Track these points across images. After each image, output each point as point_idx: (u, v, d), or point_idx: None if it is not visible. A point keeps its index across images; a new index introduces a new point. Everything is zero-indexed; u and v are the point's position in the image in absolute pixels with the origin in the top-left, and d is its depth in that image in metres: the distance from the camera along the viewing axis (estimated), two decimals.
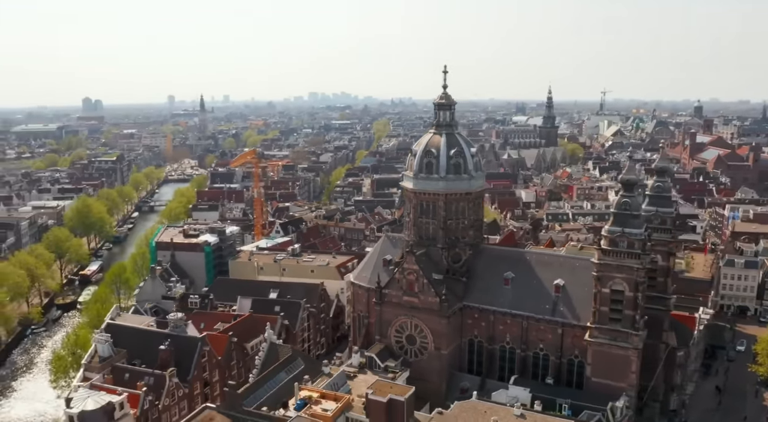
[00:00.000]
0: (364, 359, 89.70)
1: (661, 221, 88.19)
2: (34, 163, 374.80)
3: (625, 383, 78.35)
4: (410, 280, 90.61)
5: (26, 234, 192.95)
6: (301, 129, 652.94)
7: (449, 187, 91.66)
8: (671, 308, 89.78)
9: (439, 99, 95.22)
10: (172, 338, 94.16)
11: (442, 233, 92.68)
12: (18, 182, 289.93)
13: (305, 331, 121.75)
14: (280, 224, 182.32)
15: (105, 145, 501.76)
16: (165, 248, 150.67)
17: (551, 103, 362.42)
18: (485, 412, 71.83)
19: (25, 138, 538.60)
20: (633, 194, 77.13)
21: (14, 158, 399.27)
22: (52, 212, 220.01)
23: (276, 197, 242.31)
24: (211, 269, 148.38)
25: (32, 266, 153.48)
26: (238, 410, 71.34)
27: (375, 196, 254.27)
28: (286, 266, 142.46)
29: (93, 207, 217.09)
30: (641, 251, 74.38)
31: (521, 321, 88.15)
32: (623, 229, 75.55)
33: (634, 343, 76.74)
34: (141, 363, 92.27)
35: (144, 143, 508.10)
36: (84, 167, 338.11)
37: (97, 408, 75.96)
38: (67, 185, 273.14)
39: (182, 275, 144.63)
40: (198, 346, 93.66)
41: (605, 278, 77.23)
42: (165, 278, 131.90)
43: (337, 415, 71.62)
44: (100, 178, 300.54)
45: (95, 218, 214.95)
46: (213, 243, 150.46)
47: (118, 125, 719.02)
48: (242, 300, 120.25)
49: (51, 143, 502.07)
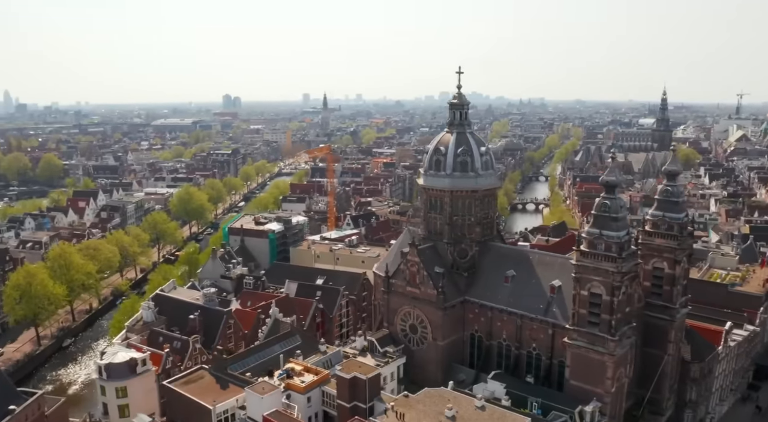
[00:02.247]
0: (367, 343, 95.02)
1: (668, 226, 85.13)
2: (162, 154, 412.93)
3: (601, 388, 76.97)
4: (413, 272, 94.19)
5: (132, 216, 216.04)
6: (418, 128, 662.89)
7: (455, 184, 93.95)
8: (676, 318, 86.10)
9: (452, 99, 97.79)
10: (202, 309, 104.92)
11: (448, 229, 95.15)
12: (142, 171, 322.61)
13: (343, 316, 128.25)
14: (351, 217, 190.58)
15: (230, 139, 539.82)
16: (236, 233, 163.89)
17: (665, 105, 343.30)
18: (449, 400, 74.28)
19: (161, 131, 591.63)
20: (613, 196, 75.56)
21: (146, 149, 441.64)
22: (160, 198, 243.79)
23: (362, 193, 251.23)
24: (274, 254, 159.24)
25: (126, 244, 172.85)
26: (223, 372, 79.75)
27: None
28: (339, 255, 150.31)
29: (195, 196, 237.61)
30: (617, 255, 73.02)
31: (516, 319, 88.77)
32: (601, 231, 74.46)
33: (609, 349, 75.24)
34: (177, 330, 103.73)
35: (265, 138, 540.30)
36: (202, 159, 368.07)
37: (122, 362, 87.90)
38: (181, 175, 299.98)
39: (249, 259, 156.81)
40: (224, 318, 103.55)
41: (583, 280, 76.50)
42: (225, 259, 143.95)
43: (310, 387, 77.52)
44: (213, 169, 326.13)
45: (196, 205, 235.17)
46: (277, 231, 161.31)
47: (248, 120, 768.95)
48: (290, 284, 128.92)
49: (183, 136, 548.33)
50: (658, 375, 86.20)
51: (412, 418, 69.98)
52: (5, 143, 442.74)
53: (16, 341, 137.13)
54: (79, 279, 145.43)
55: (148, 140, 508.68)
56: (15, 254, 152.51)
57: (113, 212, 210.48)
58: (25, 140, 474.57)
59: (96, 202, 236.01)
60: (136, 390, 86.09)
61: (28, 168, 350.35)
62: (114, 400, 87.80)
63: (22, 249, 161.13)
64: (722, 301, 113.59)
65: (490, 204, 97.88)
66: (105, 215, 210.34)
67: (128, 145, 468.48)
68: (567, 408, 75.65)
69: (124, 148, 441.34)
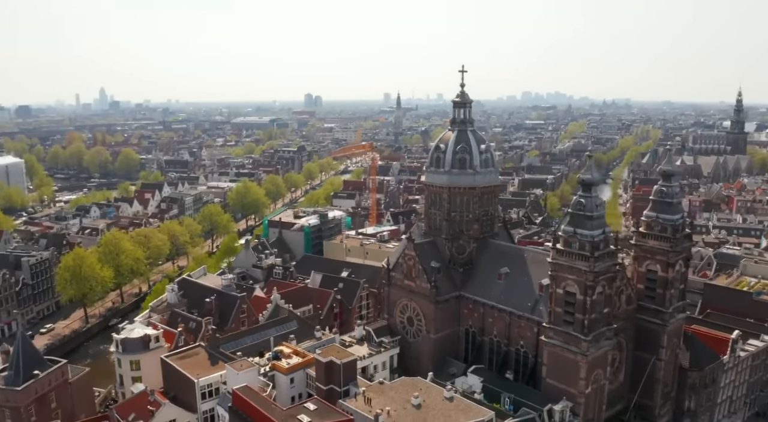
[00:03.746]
0: (365, 332, 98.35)
1: (661, 228, 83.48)
2: (234, 150, 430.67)
3: (574, 389, 76.70)
4: (409, 265, 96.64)
5: (189, 208, 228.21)
6: (491, 128, 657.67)
7: (453, 181, 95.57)
8: (669, 323, 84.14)
9: (455, 98, 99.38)
10: (218, 294, 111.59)
11: (446, 225, 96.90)
12: (211, 166, 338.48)
13: (363, 308, 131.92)
14: (392, 214, 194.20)
15: (303, 137, 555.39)
16: (275, 226, 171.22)
17: (740, 106, 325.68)
18: (421, 389, 76.59)
19: (239, 128, 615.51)
20: (590, 195, 75.03)
21: (220, 145, 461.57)
22: (219, 192, 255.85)
23: (413, 191, 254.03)
24: (309, 246, 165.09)
25: (177, 233, 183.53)
26: (216, 350, 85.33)
27: (514, 195, 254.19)
28: (369, 250, 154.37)
29: (252, 190, 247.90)
30: (590, 254, 72.75)
31: (505, 316, 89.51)
32: (575, 230, 74.30)
33: (582, 349, 74.74)
34: (196, 312, 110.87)
35: (335, 136, 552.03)
36: (270, 156, 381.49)
37: (136, 338, 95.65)
38: (245, 170, 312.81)
39: (285, 250, 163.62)
40: (237, 303, 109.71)
41: (559, 278, 76.48)
42: (259, 250, 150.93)
43: (293, 369, 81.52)
44: (276, 165, 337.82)
45: (252, 199, 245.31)
46: (313, 225, 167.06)
47: (323, 119, 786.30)
48: (315, 275, 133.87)
49: (259, 133, 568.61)
50: (644, 380, 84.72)
51: (379, 403, 72.67)
52: (92, 138, 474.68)
53: (68, 318, 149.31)
54: (128, 264, 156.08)
55: (224, 137, 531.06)
56: (73, 239, 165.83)
57: (172, 204, 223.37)
58: (111, 135, 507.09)
59: (161, 194, 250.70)
60: (148, 364, 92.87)
61: (109, 162, 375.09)
62: (128, 372, 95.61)
63: (80, 235, 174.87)
64: (745, 309, 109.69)
65: (490, 201, 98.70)
66: (164, 206, 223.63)
67: (204, 141, 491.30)
68: (537, 405, 76.01)
69: (199, 144, 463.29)
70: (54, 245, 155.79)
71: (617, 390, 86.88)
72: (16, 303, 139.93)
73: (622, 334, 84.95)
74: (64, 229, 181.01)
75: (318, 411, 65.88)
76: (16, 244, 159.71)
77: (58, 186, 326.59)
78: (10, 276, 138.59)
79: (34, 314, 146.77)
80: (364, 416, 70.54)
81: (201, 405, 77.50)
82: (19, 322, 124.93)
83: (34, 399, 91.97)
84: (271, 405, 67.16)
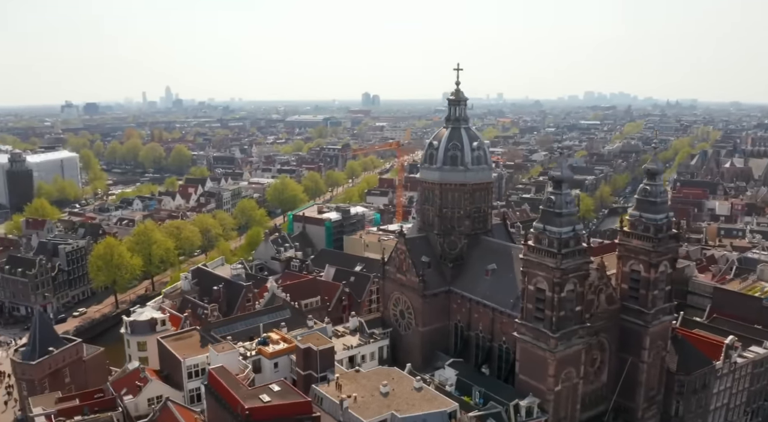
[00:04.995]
0: (359, 323, 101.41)
1: (644, 227, 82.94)
2: (283, 147, 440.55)
3: (543, 385, 77.32)
4: (400, 259, 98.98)
5: (227, 203, 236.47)
6: (543, 129, 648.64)
7: (444, 177, 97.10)
8: (651, 324, 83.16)
9: (450, 95, 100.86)
10: (226, 283, 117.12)
11: (438, 221, 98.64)
12: (258, 162, 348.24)
13: (373, 302, 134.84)
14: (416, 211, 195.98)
15: (354, 135, 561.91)
16: (299, 220, 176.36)
17: None
18: (393, 378, 78.96)
19: (292, 126, 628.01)
20: (560, 192, 75.28)
21: (270, 142, 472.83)
22: (258, 188, 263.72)
23: None
24: (330, 241, 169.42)
25: (210, 226, 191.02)
26: (208, 334, 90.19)
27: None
28: (386, 245, 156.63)
29: (289, 186, 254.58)
30: (557, 251, 73.33)
31: (489, 312, 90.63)
32: (545, 226, 74.98)
33: (550, 346, 75.14)
34: (206, 299, 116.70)
35: (384, 135, 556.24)
36: (316, 153, 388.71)
37: (144, 320, 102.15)
38: (289, 167, 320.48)
39: (308, 244, 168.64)
40: (243, 292, 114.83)
41: (530, 274, 77.17)
42: (278, 243, 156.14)
43: (277, 354, 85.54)
44: (320, 163, 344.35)
45: (289, 195, 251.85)
46: (334, 220, 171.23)
47: (377, 117, 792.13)
48: (329, 268, 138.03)
49: (311, 131, 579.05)
50: (620, 381, 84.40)
51: (348, 390, 75.54)
52: (150, 134, 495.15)
53: (100, 304, 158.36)
54: (158, 254, 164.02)
55: (276, 134, 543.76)
56: (110, 229, 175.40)
57: (210, 198, 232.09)
58: (169, 132, 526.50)
59: (203, 188, 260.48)
60: (154, 345, 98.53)
61: (162, 157, 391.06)
62: (136, 352, 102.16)
63: (117, 226, 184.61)
64: (754, 315, 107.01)
65: (483, 198, 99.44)
66: (203, 200, 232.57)
67: (256, 138, 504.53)
68: (505, 400, 77.08)
69: (251, 141, 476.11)
70: (90, 235, 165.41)
71: (599, 390, 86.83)
72: (52, 288, 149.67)
73: (604, 334, 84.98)
74: (105, 220, 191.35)
75: (280, 392, 69.12)
76: (57, 233, 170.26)
77: (113, 180, 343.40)
78: (47, 262, 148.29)
79: (69, 298, 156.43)
80: (331, 400, 73.67)
81: (187, 384, 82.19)
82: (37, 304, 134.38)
83: (48, 373, 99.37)
84: (239, 384, 70.91)
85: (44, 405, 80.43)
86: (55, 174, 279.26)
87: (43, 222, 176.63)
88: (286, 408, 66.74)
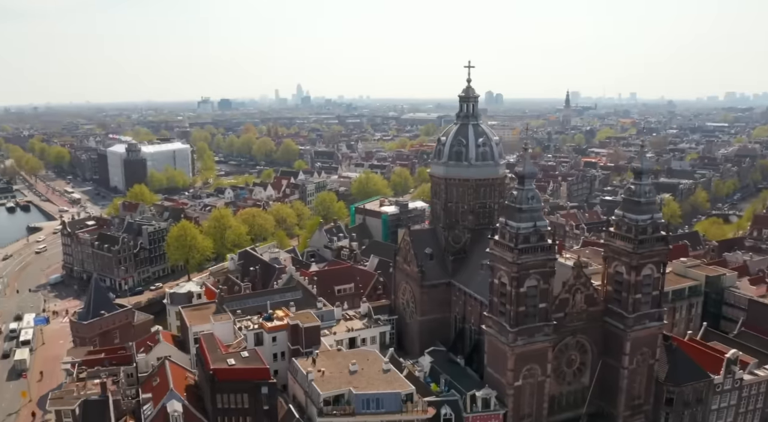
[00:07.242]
0: (368, 309, 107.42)
1: (627, 228, 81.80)
2: (388, 144, 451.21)
3: (504, 379, 78.85)
4: (405, 250, 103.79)
5: (311, 194, 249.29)
6: (663, 130, 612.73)
7: (449, 172, 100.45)
8: (631, 328, 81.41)
9: (461, 93, 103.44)
10: (263, 264, 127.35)
11: (443, 214, 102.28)
12: (356, 158, 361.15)
13: None
14: None
15: None
16: (360, 212, 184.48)
17: None
18: (368, 360, 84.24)
19: (403, 124, 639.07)
20: (522, 188, 76.20)
21: (377, 139, 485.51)
22: (345, 181, 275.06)
23: None
24: (386, 233, 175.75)
25: (284, 215, 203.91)
26: (221, 307, 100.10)
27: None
28: None
29: (372, 181, 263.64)
30: (514, 246, 74.75)
31: (479, 306, 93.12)
32: (507, 221, 76.76)
33: (509, 340, 76.62)
34: (247, 278, 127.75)
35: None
36: (415, 150, 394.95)
37: (182, 293, 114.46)
38: (379, 162, 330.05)
39: (366, 235, 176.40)
40: (276, 273, 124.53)
41: (495, 268, 78.99)
42: (333, 232, 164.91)
43: (275, 329, 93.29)
44: (414, 160, 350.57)
45: (372, 190, 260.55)
46: (391, 214, 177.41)
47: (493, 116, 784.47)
48: (373, 258, 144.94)
49: (420, 129, 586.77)
50: (592, 385, 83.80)
51: (321, 365, 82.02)
52: (267, 129, 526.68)
53: (176, 281, 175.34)
54: (231, 238, 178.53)
55: (385, 131, 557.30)
56: (191, 213, 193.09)
57: (294, 189, 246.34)
58: (287, 128, 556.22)
59: (295, 180, 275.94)
60: None
61: (273, 151, 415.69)
62: (174, 321, 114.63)
63: (201, 211, 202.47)
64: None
65: (488, 194, 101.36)
66: (288, 192, 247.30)
67: (366, 135, 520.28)
68: (464, 390, 79.83)
69: (359, 137, 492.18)
70: (173, 218, 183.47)
71: (581, 392, 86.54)
72: (134, 264, 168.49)
73: (583, 335, 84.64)
74: (194, 206, 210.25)
75: (247, 359, 77.34)
76: (147, 215, 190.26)
77: (225, 171, 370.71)
78: (130, 241, 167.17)
79: (150, 274, 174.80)
80: (302, 372, 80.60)
81: (193, 348, 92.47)
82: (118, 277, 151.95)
83: (99, 333, 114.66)
84: (216, 348, 79.77)
85: (75, 356, 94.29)
86: (166, 164, 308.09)
87: (137, 205, 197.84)
88: (247, 373, 74.99)
